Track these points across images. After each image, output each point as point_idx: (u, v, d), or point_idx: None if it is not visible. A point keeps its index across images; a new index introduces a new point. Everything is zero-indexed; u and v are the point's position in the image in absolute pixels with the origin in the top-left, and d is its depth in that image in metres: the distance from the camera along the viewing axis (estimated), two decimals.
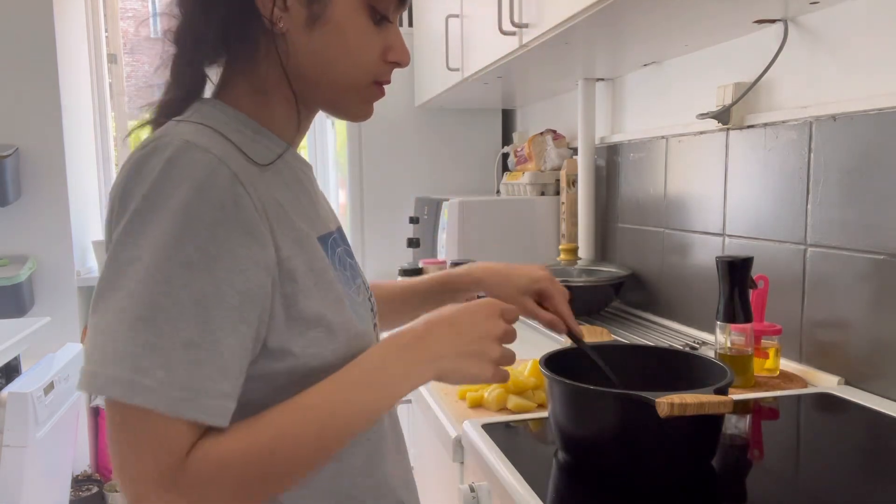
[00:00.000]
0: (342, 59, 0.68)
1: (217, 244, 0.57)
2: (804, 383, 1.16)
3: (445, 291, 1.05)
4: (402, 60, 0.72)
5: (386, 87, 0.73)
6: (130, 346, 0.54)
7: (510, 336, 0.71)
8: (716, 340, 1.15)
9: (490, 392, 1.08)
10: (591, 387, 0.81)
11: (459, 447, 1.01)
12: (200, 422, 0.56)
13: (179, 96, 0.68)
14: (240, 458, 0.57)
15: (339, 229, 0.78)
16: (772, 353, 1.18)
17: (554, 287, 1.01)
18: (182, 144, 0.59)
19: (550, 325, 1.00)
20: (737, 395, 1.06)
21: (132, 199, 0.58)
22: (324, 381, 0.63)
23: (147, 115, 0.69)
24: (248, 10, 0.65)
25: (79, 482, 2.70)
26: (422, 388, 1.22)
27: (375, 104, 0.75)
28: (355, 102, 0.72)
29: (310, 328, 0.63)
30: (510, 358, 0.71)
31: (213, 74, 0.71)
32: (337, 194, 2.80)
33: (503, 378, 0.71)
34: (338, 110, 0.74)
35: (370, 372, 0.64)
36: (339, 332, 0.65)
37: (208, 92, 0.71)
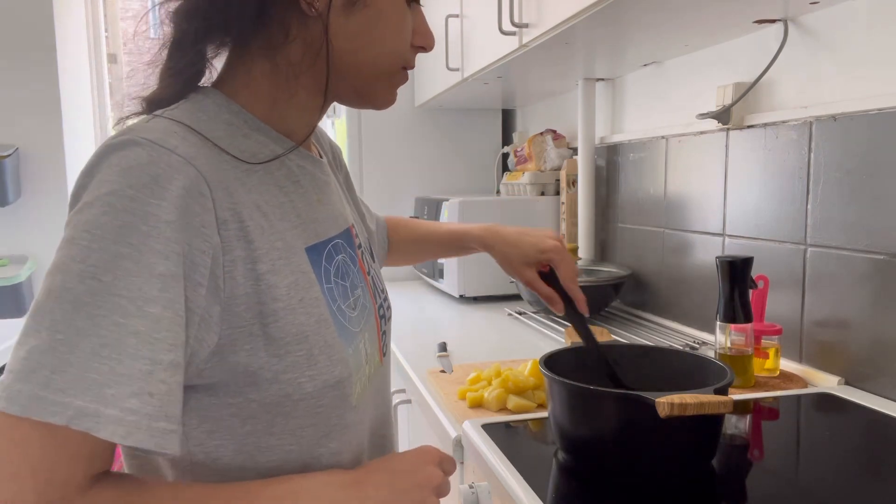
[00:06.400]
0: (379, 43, 0.64)
1: (135, 261, 0.51)
2: (804, 383, 1.16)
3: (457, 247, 1.07)
4: (427, 45, 0.68)
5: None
6: (31, 361, 0.49)
7: (445, 489, 0.67)
8: (716, 340, 1.15)
9: (490, 392, 1.08)
10: (591, 387, 0.81)
11: (459, 447, 1.01)
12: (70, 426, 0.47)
13: (176, 86, 0.62)
14: None
15: (348, 230, 0.73)
16: (772, 353, 1.18)
17: (562, 259, 0.97)
18: (145, 144, 0.53)
19: (548, 301, 0.98)
20: (737, 395, 1.06)
21: (78, 199, 0.56)
22: (235, 485, 0.57)
23: (138, 108, 0.62)
24: None
25: None
26: (421, 388, 1.22)
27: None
28: (384, 89, 0.68)
29: (290, 351, 0.59)
30: None
31: (218, 63, 0.65)
32: None
33: None
34: (363, 98, 0.69)
35: (290, 496, 0.58)
36: (320, 357, 0.61)
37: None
